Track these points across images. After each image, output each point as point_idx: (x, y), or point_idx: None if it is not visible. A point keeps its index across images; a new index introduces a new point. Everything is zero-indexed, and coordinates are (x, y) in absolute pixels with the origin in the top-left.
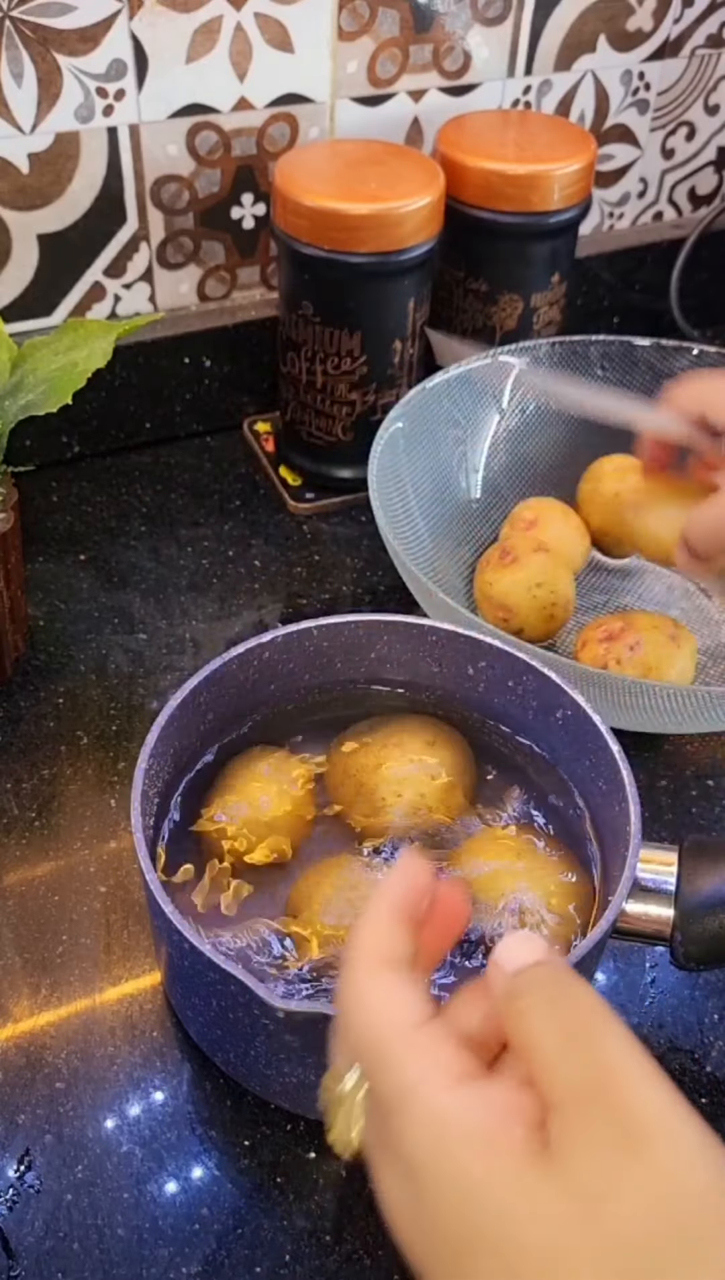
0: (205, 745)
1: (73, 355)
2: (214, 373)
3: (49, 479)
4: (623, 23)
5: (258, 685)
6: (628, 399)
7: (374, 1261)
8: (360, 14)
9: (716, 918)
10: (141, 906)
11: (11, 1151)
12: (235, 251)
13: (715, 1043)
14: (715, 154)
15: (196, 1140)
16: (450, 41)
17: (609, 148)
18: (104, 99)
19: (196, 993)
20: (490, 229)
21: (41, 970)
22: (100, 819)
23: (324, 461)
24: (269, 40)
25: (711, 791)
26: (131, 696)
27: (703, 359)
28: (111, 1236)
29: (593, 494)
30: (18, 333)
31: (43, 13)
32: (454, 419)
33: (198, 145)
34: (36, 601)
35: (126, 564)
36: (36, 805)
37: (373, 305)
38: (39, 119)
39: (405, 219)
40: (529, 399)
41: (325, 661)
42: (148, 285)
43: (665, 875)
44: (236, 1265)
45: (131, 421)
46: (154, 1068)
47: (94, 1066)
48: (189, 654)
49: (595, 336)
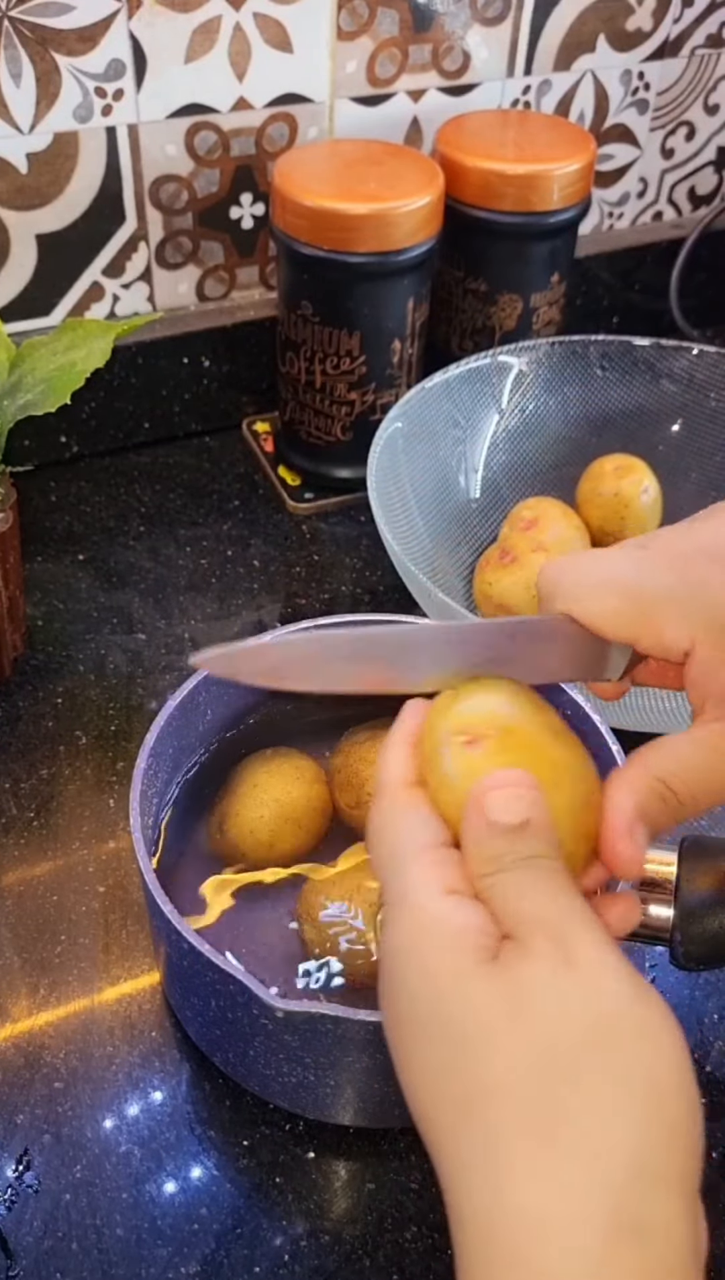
0: (205, 745)
1: (71, 355)
2: (213, 373)
3: (48, 479)
4: (622, 23)
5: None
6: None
7: (374, 1262)
8: (359, 14)
9: (716, 918)
10: (140, 906)
11: (10, 1151)
12: (234, 251)
13: (715, 1043)
14: (715, 154)
15: (195, 1140)
16: (450, 41)
17: (609, 148)
18: (103, 99)
19: (195, 993)
20: (489, 229)
21: (40, 970)
22: (99, 819)
23: (323, 461)
24: (268, 40)
25: None
26: (130, 696)
27: (702, 359)
28: (110, 1236)
29: (593, 494)
30: (16, 333)
31: (42, 12)
32: (453, 419)
33: (196, 145)
34: (35, 601)
35: (125, 564)
36: (35, 805)
37: (372, 305)
38: (38, 119)
39: (404, 219)
40: (528, 399)
41: None
42: (146, 285)
43: (665, 875)
44: (235, 1265)
45: (130, 421)
46: (153, 1068)
47: (93, 1066)
48: (188, 654)
49: (595, 336)
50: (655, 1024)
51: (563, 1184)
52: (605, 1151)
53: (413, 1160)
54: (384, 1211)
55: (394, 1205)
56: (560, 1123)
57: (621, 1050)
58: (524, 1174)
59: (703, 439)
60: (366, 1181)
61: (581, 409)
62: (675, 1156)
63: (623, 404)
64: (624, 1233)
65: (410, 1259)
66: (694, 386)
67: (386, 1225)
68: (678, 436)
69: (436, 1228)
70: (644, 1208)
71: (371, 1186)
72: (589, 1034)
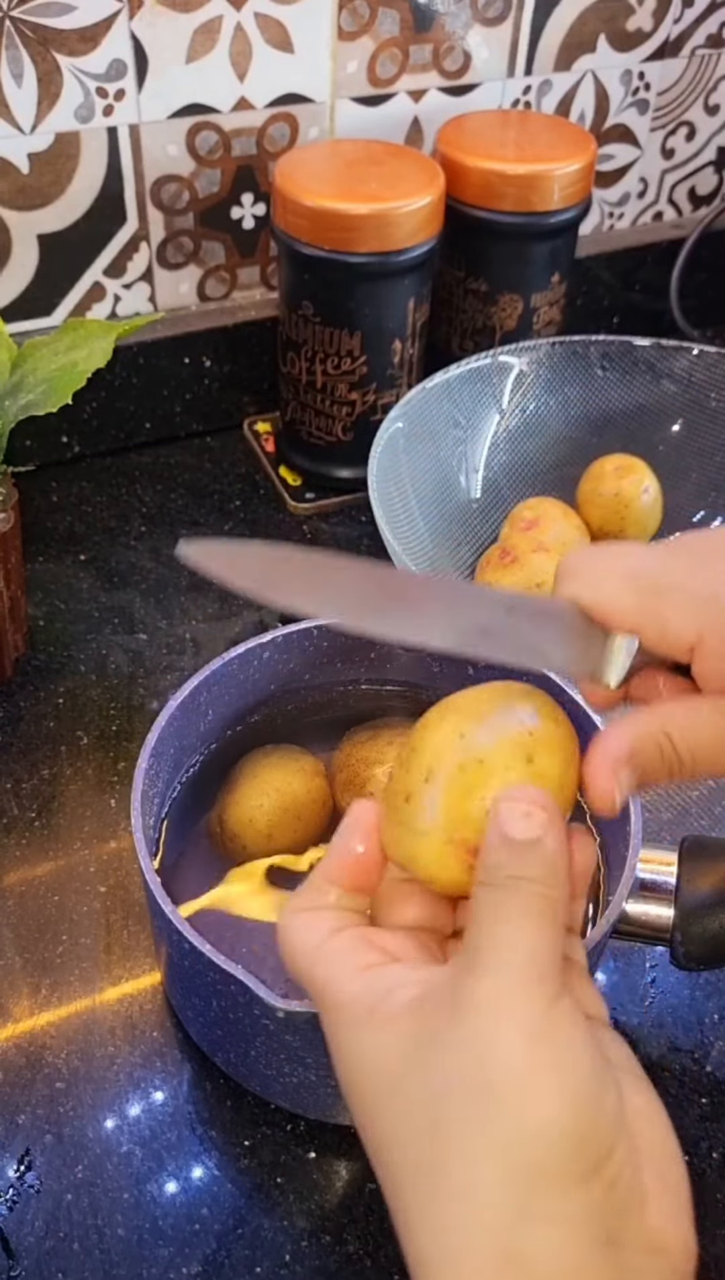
0: (205, 745)
1: (73, 355)
2: (214, 373)
3: (49, 479)
4: (623, 23)
5: (258, 685)
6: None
7: (374, 1262)
8: (360, 14)
9: (716, 918)
10: (141, 906)
11: (11, 1151)
12: (235, 251)
13: (715, 1043)
14: (715, 154)
15: (196, 1140)
16: (450, 41)
17: (609, 148)
18: (104, 99)
19: (196, 993)
20: (490, 229)
21: (41, 970)
22: (100, 819)
23: (324, 461)
24: (269, 40)
25: (712, 791)
26: (131, 696)
27: (703, 359)
28: (111, 1236)
29: (593, 494)
30: (18, 333)
31: (43, 13)
32: (454, 419)
33: (198, 145)
34: (36, 601)
35: (126, 564)
36: (36, 805)
37: (372, 305)
38: (39, 119)
39: (405, 219)
40: (529, 399)
41: (325, 661)
42: (148, 285)
43: (665, 875)
44: (236, 1265)
45: (131, 421)
46: (154, 1068)
47: (94, 1066)
48: (189, 654)
49: (595, 336)
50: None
51: (445, 1228)
52: (474, 1195)
53: None
54: (385, 1211)
55: None
56: (438, 1171)
57: (490, 1098)
58: (417, 1222)
59: (703, 439)
60: (367, 1181)
61: (582, 409)
62: (553, 1194)
63: (623, 404)
64: (507, 1264)
65: None
66: (694, 386)
67: (387, 1225)
68: (678, 436)
69: None
70: (524, 1241)
71: (372, 1186)
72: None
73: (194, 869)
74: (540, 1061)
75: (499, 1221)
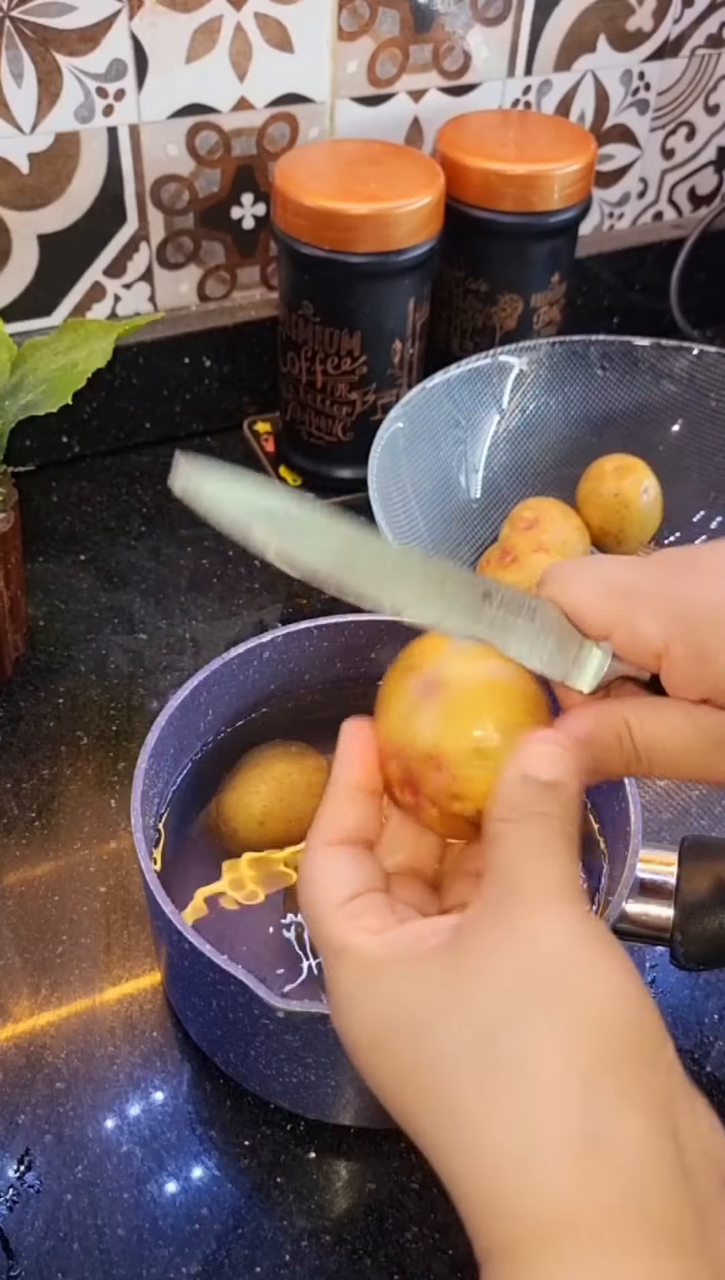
0: (205, 745)
1: (73, 355)
2: (214, 373)
3: (49, 479)
4: (623, 23)
5: (258, 685)
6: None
7: (374, 1262)
8: (360, 14)
9: (716, 918)
10: (141, 906)
11: (11, 1151)
12: (235, 251)
13: (715, 1043)
14: (715, 154)
15: (196, 1140)
16: (450, 41)
17: (609, 148)
18: (104, 99)
19: (196, 993)
20: (490, 229)
21: (41, 970)
22: (100, 819)
23: (324, 461)
24: (269, 40)
25: (712, 791)
26: (131, 696)
27: (703, 359)
28: (111, 1236)
29: (593, 494)
30: (18, 333)
31: (43, 13)
32: (454, 419)
33: (198, 145)
34: (36, 601)
35: (126, 564)
36: (36, 805)
37: (372, 305)
38: (39, 119)
39: (405, 219)
40: (529, 399)
41: (325, 661)
42: (148, 285)
43: (665, 875)
44: (236, 1265)
45: (131, 421)
46: (154, 1068)
47: (94, 1066)
48: (189, 654)
49: (595, 336)
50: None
51: (519, 1126)
52: (550, 1085)
53: (413, 1160)
54: (385, 1211)
55: (395, 1205)
56: (505, 1071)
57: (553, 992)
58: (485, 1130)
59: (703, 439)
60: (367, 1181)
61: (582, 409)
62: (625, 1077)
63: (623, 404)
64: (588, 1153)
65: (411, 1259)
66: (694, 386)
67: (387, 1225)
68: (678, 436)
69: (437, 1228)
70: (602, 1126)
71: (372, 1186)
72: (525, 987)
73: (194, 868)
74: (595, 953)
75: (576, 1108)
